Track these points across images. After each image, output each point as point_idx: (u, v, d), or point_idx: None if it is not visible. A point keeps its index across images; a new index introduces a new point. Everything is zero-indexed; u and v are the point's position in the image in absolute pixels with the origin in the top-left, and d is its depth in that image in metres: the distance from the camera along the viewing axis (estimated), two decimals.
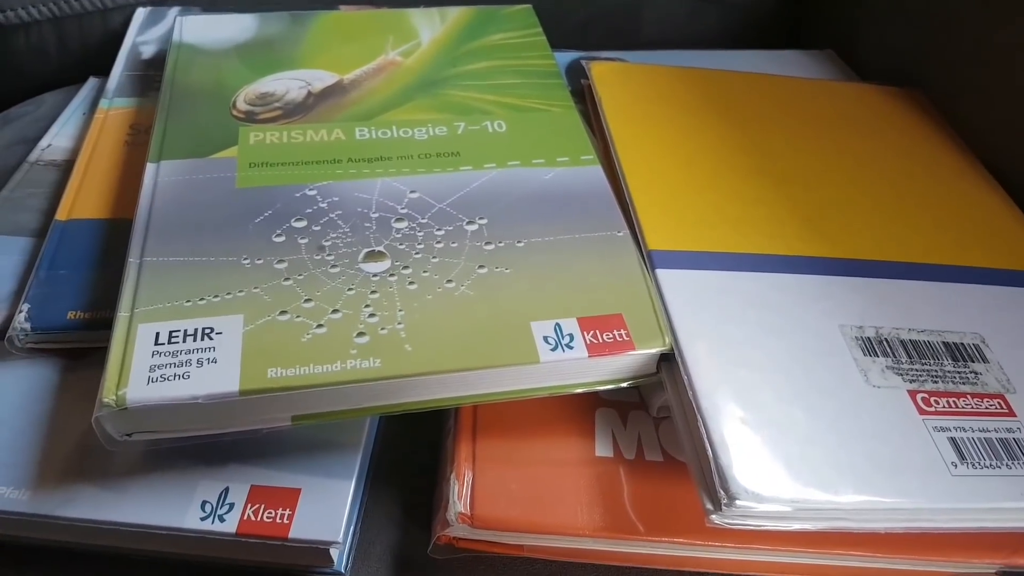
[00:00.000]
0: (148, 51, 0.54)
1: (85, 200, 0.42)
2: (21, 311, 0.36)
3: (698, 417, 0.30)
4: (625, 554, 0.34)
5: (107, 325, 0.32)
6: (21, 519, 0.32)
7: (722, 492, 0.28)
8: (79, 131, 0.50)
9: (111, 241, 0.40)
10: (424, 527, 0.36)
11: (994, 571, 0.33)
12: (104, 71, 0.53)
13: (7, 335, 0.36)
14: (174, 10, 0.57)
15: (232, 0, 0.59)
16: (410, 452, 0.39)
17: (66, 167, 0.47)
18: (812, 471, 0.29)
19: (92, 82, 0.55)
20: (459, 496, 0.33)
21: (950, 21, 0.52)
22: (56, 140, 0.49)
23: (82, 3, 0.56)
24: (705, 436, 0.29)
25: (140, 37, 0.55)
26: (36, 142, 0.49)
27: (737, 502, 0.27)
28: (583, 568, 0.35)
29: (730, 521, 0.28)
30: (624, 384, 0.34)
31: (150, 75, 0.52)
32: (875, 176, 0.44)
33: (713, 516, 0.28)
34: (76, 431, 0.34)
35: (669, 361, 0.33)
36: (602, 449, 0.35)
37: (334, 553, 0.33)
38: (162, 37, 0.55)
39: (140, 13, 0.57)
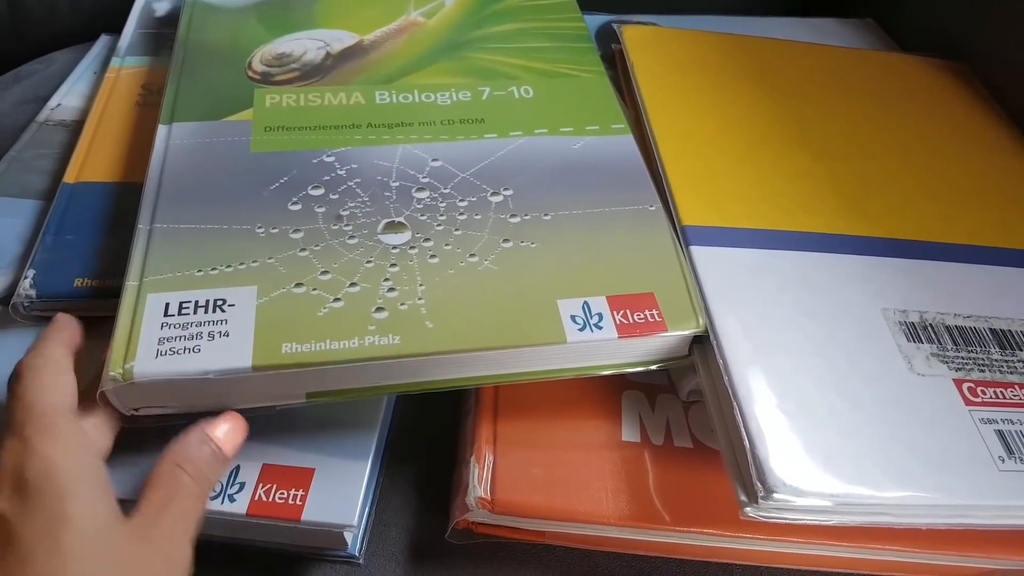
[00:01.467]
0: (162, 8, 0.53)
1: (95, 162, 0.41)
2: (26, 277, 0.35)
3: (733, 404, 0.28)
4: (651, 543, 0.33)
5: (116, 294, 0.31)
6: None
7: (759, 485, 0.26)
8: (90, 90, 0.48)
9: (121, 205, 0.38)
10: (442, 511, 0.35)
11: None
12: (116, 29, 0.51)
13: (11, 302, 0.35)
14: None
15: None
16: (428, 433, 0.38)
17: (76, 127, 0.45)
18: (853, 464, 0.28)
19: (104, 40, 0.53)
20: (479, 480, 0.31)
21: None
22: (66, 99, 0.48)
23: None
24: (741, 424, 0.28)
25: None
26: (46, 101, 0.48)
27: (774, 495, 0.26)
28: (606, 557, 0.34)
29: (766, 515, 0.27)
30: (654, 367, 0.32)
31: (163, 33, 0.50)
32: (917, 152, 0.42)
33: (748, 509, 0.27)
34: None
35: (702, 343, 0.31)
36: (629, 434, 0.34)
37: (348, 537, 0.32)
38: None
39: None
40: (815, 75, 0.47)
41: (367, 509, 0.33)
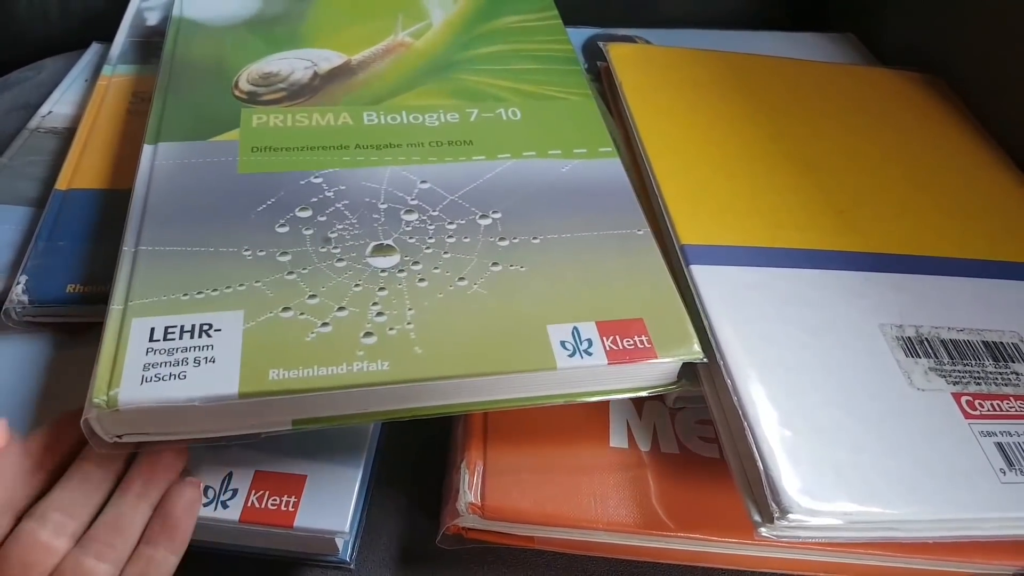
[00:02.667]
0: (153, 17, 0.52)
1: (86, 169, 0.41)
2: (19, 283, 0.35)
3: (744, 424, 0.29)
4: (639, 548, 0.33)
5: (107, 300, 0.31)
6: None
7: (774, 506, 0.26)
8: (81, 98, 0.48)
9: (112, 212, 0.38)
10: (432, 517, 0.34)
11: (1011, 572, 0.32)
12: (107, 37, 0.51)
13: (3, 307, 0.34)
14: None
15: None
16: (419, 439, 0.37)
17: (67, 135, 0.45)
18: (864, 481, 0.28)
19: (95, 48, 0.53)
20: (469, 486, 0.32)
21: (971, 7, 0.50)
22: (57, 107, 0.48)
23: None
24: (753, 445, 0.28)
25: (145, 3, 0.54)
26: (36, 108, 0.48)
27: (790, 516, 0.26)
28: (594, 561, 0.34)
29: (779, 534, 0.27)
30: (643, 394, 0.32)
31: (155, 42, 0.50)
32: (902, 165, 0.43)
33: (762, 529, 0.27)
34: (73, 408, 0.32)
35: (707, 364, 0.31)
36: (617, 440, 0.34)
37: (340, 542, 0.32)
38: (167, 3, 0.53)
39: None
40: (800, 90, 0.47)
41: (359, 515, 0.33)
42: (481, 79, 0.44)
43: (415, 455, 0.37)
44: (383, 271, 0.32)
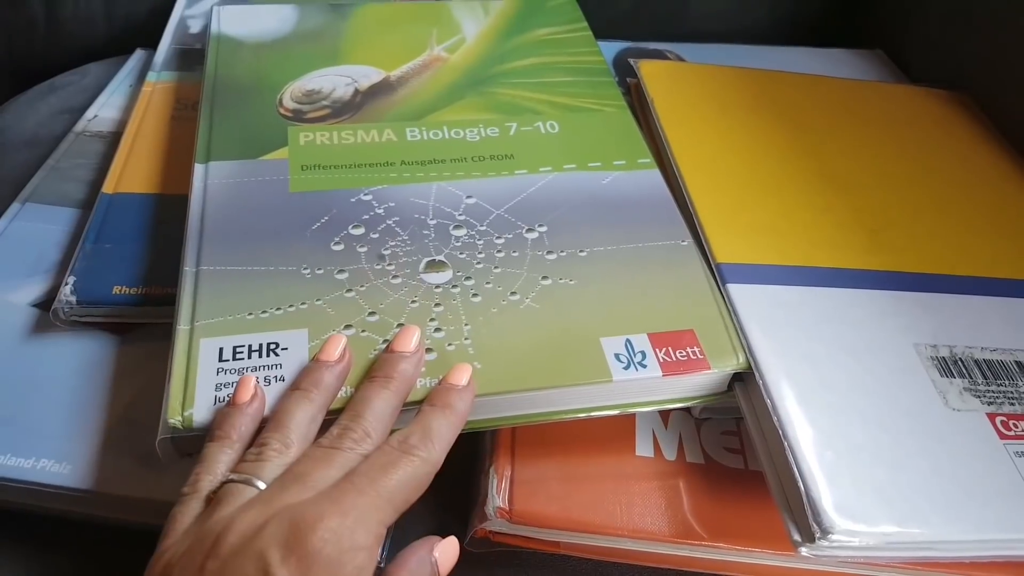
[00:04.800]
0: (196, 25, 0.54)
1: (132, 174, 0.42)
2: (67, 283, 0.36)
3: (784, 443, 0.29)
4: (663, 555, 0.33)
5: (152, 301, 0.33)
6: (62, 493, 0.31)
7: (815, 526, 0.27)
8: (125, 103, 0.50)
9: (158, 216, 0.39)
10: (461, 519, 0.35)
11: None
12: (150, 44, 0.52)
13: (52, 307, 0.35)
14: None
15: None
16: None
17: (112, 139, 0.46)
18: (904, 502, 0.28)
19: (139, 54, 0.54)
20: (498, 490, 0.32)
21: (999, 24, 0.50)
22: (102, 111, 0.49)
23: None
24: (793, 464, 0.29)
25: (188, 11, 0.55)
26: (81, 112, 0.49)
27: (831, 536, 0.27)
28: (618, 568, 0.34)
29: (820, 553, 0.27)
30: (694, 403, 0.33)
31: (198, 49, 0.51)
32: (931, 183, 0.43)
33: (803, 549, 0.27)
34: (119, 406, 0.34)
35: (744, 380, 0.32)
36: (643, 449, 0.35)
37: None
38: (209, 12, 0.54)
39: None
40: (829, 108, 0.48)
41: None
42: (517, 92, 0.45)
43: (447, 457, 0.38)
44: (437, 287, 0.33)
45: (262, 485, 0.25)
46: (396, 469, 0.25)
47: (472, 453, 0.37)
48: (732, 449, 0.35)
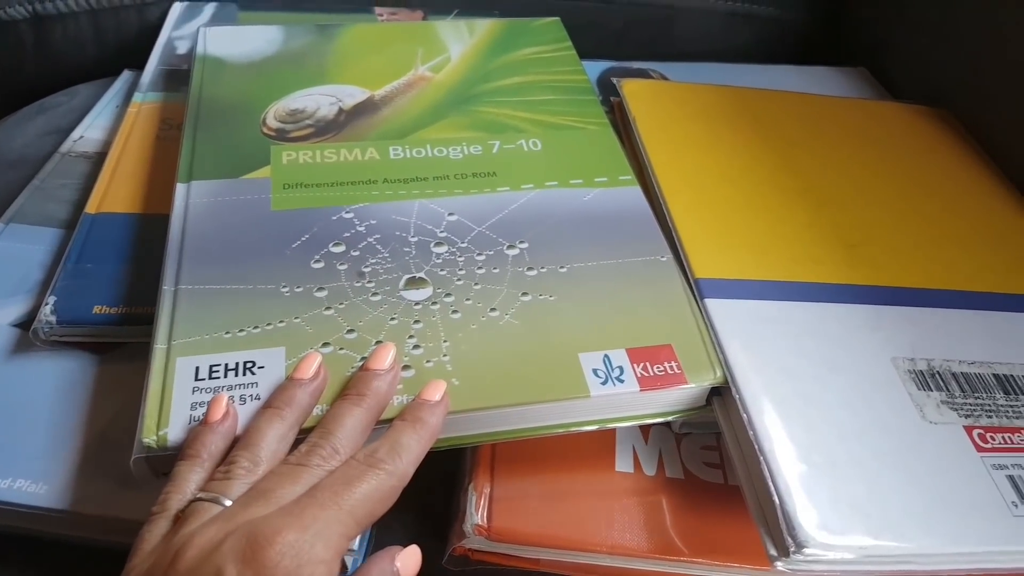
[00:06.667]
0: (183, 46, 0.54)
1: (115, 194, 0.42)
2: (47, 303, 0.36)
3: (760, 459, 0.29)
4: (644, 572, 0.33)
5: (133, 321, 0.33)
6: (37, 513, 0.31)
7: (790, 540, 0.27)
8: (112, 123, 0.50)
9: (140, 236, 0.40)
10: (439, 537, 0.35)
11: None
12: (139, 65, 0.52)
13: (32, 327, 0.35)
14: (211, 5, 0.57)
15: None
16: (427, 460, 0.38)
17: (97, 159, 0.47)
18: (879, 515, 0.28)
19: (126, 75, 0.55)
20: (476, 508, 0.32)
21: (980, 42, 0.51)
22: (88, 132, 0.49)
23: None
24: (768, 479, 0.29)
25: (176, 32, 0.55)
26: (69, 132, 0.49)
27: (806, 551, 0.27)
28: None
29: (795, 567, 0.27)
30: (673, 418, 0.33)
31: (184, 70, 0.51)
32: (911, 199, 0.44)
33: (779, 564, 0.27)
34: (98, 426, 0.34)
35: (722, 395, 0.32)
36: (623, 464, 0.35)
37: (348, 561, 0.32)
38: (197, 33, 0.54)
39: (176, 7, 0.57)
40: (811, 124, 0.48)
41: (366, 534, 0.34)
42: (501, 111, 0.45)
43: (423, 476, 0.37)
44: (417, 304, 0.33)
45: (229, 503, 0.24)
46: (360, 483, 0.25)
47: (453, 470, 0.37)
48: (712, 464, 0.35)
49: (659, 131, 0.45)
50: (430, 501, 0.36)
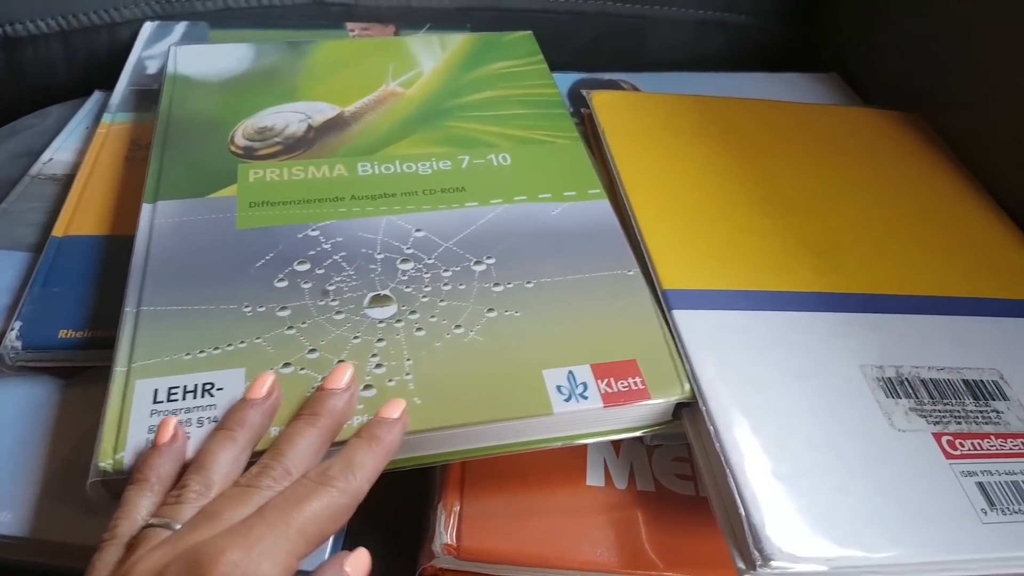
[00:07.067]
0: (154, 66, 0.54)
1: (83, 216, 0.42)
2: (13, 328, 0.35)
3: (727, 471, 0.29)
4: None
5: (100, 345, 0.33)
6: (2, 541, 0.31)
7: (756, 553, 0.27)
8: (81, 145, 0.49)
9: (107, 258, 0.39)
10: (409, 556, 0.34)
11: None
12: (111, 85, 0.52)
13: None
14: (182, 24, 0.56)
15: (240, 16, 0.58)
16: (397, 479, 0.37)
17: (66, 181, 0.46)
18: (847, 526, 0.28)
19: (97, 96, 0.54)
20: (446, 526, 0.32)
21: (951, 46, 0.51)
22: (58, 154, 0.49)
23: (90, 17, 0.56)
24: (735, 492, 0.28)
25: (146, 51, 0.55)
26: (39, 155, 0.49)
27: (773, 563, 0.26)
28: None
29: None
30: (639, 433, 0.32)
31: (155, 90, 0.51)
32: (881, 204, 0.44)
33: None
34: (63, 452, 0.33)
35: (691, 408, 0.32)
36: (594, 478, 0.34)
37: None
38: (167, 52, 0.54)
39: (147, 27, 0.56)
40: (782, 132, 0.48)
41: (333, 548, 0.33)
42: (471, 126, 0.45)
43: (393, 495, 0.37)
44: (381, 322, 0.33)
45: (179, 527, 0.24)
46: (311, 500, 0.25)
47: (424, 489, 0.37)
48: (684, 476, 0.35)
49: (628, 142, 0.45)
50: (401, 520, 0.36)
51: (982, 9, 0.49)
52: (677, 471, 0.35)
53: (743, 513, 0.28)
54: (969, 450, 0.32)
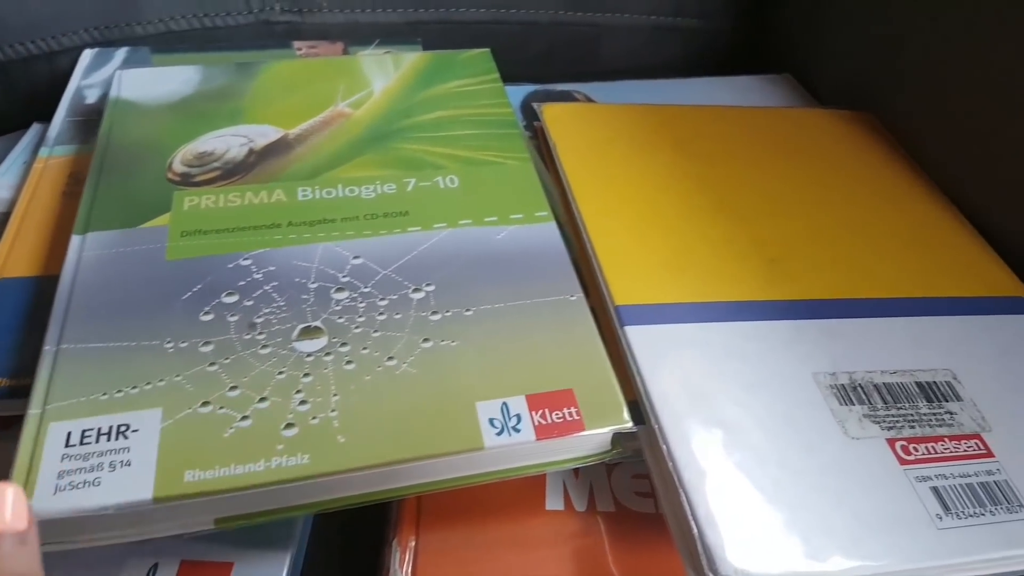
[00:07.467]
0: (93, 95, 0.52)
1: (17, 257, 0.40)
2: None
3: (680, 491, 0.28)
4: None
5: (27, 392, 0.30)
6: None
7: (709, 573, 0.26)
8: (18, 181, 0.47)
9: (40, 300, 0.37)
10: None
11: None
12: (50, 116, 0.50)
13: None
14: (122, 50, 0.55)
15: (182, 38, 0.57)
16: (352, 516, 0.36)
17: (2, 220, 0.44)
18: (802, 540, 0.28)
19: (35, 128, 0.52)
20: (401, 564, 0.31)
21: (903, 43, 0.51)
22: None
23: (27, 47, 0.54)
24: (689, 512, 0.28)
25: (85, 80, 0.53)
26: None
27: None
28: None
29: None
30: (578, 464, 0.31)
31: (95, 121, 0.49)
32: (835, 207, 0.43)
33: None
34: None
35: (642, 427, 0.31)
36: (553, 502, 0.34)
37: None
38: (109, 80, 0.53)
39: (86, 55, 0.55)
40: (734, 138, 0.48)
41: None
42: (420, 147, 0.44)
43: (348, 533, 0.36)
44: (309, 355, 0.32)
45: None
46: None
47: (377, 525, 0.36)
48: (643, 493, 0.34)
49: (580, 155, 0.44)
50: (357, 559, 0.35)
51: (932, 5, 0.48)
52: (637, 488, 0.35)
53: (696, 532, 0.27)
54: (923, 454, 0.31)
